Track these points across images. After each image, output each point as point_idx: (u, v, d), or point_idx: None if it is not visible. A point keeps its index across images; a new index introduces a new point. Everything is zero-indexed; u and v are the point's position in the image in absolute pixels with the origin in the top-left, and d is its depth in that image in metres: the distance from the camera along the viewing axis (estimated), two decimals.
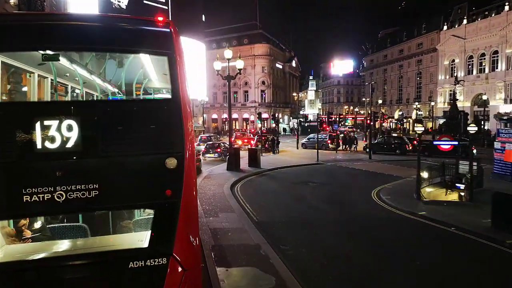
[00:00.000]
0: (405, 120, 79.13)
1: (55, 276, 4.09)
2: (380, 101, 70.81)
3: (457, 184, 18.43)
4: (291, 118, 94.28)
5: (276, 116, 49.84)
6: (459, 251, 10.07)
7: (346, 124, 78.92)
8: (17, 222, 4.97)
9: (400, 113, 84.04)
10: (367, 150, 34.28)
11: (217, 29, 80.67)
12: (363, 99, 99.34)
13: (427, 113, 73.91)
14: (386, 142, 36.95)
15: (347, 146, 39.03)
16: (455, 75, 60.37)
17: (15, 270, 4.04)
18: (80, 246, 4.85)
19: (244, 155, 26.25)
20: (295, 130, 77.70)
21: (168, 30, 4.45)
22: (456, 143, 15.78)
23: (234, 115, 76.86)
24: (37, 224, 5.27)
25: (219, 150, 29.19)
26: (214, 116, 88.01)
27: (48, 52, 4.36)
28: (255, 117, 78.35)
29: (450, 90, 65.32)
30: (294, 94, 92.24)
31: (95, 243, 4.96)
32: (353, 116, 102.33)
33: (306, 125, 67.25)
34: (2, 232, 4.65)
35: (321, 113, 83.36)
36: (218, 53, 26.44)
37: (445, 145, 15.23)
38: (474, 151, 25.90)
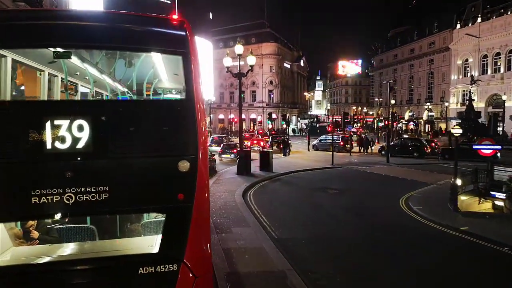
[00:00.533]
0: (416, 121, 77.13)
1: (62, 281, 3.95)
2: (393, 101, 68.96)
3: (492, 192, 16.74)
4: (299, 118, 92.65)
5: (287, 117, 48.22)
6: None
7: (355, 125, 77.12)
8: (25, 223, 4.93)
9: (411, 113, 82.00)
10: (383, 152, 32.64)
11: (224, 27, 79.17)
12: (375, 99, 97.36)
13: (439, 114, 71.93)
14: (402, 144, 35.06)
15: (363, 148, 37.37)
16: (469, 74, 58.38)
17: (22, 273, 3.92)
18: (88, 249, 4.71)
19: (254, 157, 24.66)
20: (304, 130, 76.11)
21: (184, 29, 4.33)
22: (499, 147, 14.08)
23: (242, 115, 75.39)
24: (45, 225, 5.21)
25: (235, 150, 28.36)
26: (221, 116, 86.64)
27: (60, 49, 4.23)
28: (263, 117, 76.94)
29: (464, 91, 63.40)
30: (306, 93, 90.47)
31: (103, 247, 4.83)
32: (362, 116, 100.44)
33: (318, 125, 65.62)
34: (10, 234, 4.57)
35: (329, 113, 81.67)
36: (226, 51, 25.30)
37: (487, 149, 13.46)
38: (498, 154, 24.17)
